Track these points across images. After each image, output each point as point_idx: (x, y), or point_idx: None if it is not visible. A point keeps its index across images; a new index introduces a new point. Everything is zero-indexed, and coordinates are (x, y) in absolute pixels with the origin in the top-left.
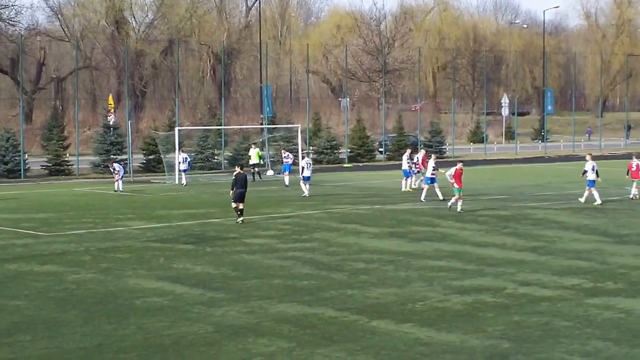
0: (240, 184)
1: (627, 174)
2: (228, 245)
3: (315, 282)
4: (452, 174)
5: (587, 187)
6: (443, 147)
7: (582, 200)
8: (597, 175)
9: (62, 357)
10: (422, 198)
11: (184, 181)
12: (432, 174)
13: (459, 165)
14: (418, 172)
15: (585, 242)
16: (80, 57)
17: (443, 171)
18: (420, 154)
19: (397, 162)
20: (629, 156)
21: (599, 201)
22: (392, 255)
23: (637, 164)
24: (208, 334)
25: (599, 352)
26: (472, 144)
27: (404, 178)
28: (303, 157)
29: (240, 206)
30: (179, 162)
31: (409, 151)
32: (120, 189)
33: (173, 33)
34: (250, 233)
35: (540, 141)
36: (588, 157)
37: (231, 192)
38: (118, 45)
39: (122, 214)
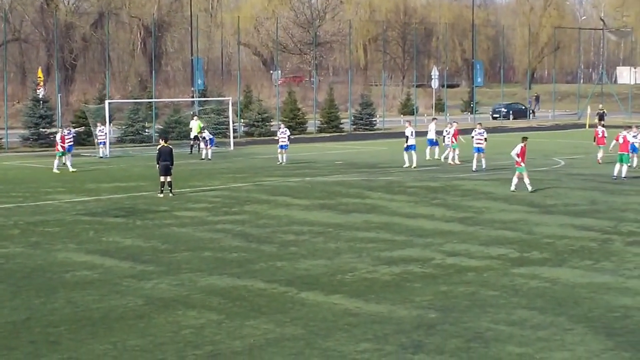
0: (164, 157)
1: (594, 141)
2: (158, 218)
3: (245, 254)
4: (518, 152)
5: (405, 151)
6: (373, 119)
7: (414, 165)
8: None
9: None
10: (474, 168)
11: (101, 154)
12: (479, 143)
13: (524, 142)
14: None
15: (512, 213)
16: (9, 30)
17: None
18: (452, 128)
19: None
20: (556, 127)
21: (409, 165)
22: (322, 227)
23: (603, 130)
24: (137, 306)
25: (525, 321)
26: (402, 115)
27: (429, 147)
28: (280, 127)
29: (168, 179)
30: (101, 134)
31: (435, 121)
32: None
33: (103, 5)
34: (181, 206)
35: (469, 113)
36: (407, 124)
37: (157, 165)
38: (47, 18)
39: (52, 187)
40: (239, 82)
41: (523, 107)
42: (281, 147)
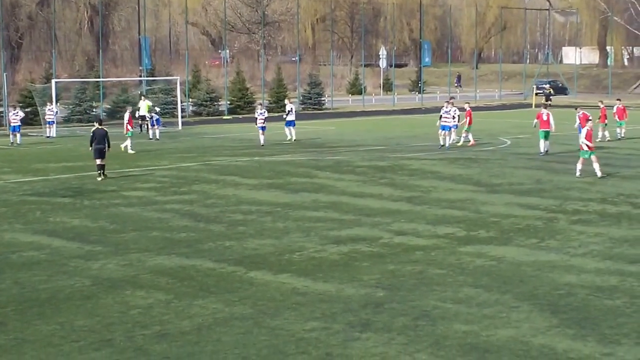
0: (99, 140)
1: (534, 126)
2: (106, 198)
3: (194, 234)
4: (585, 135)
5: (286, 127)
6: (322, 99)
7: (293, 139)
8: (294, 117)
9: None
10: (442, 143)
11: (48, 133)
12: (446, 121)
13: (590, 125)
14: (455, 127)
15: (459, 192)
16: None
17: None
18: (454, 110)
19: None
20: (502, 107)
21: (290, 138)
22: (271, 207)
23: (548, 114)
24: (85, 287)
25: (471, 299)
26: (350, 95)
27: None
28: (256, 108)
29: (100, 162)
30: (50, 114)
31: (446, 102)
32: (18, 142)
33: None
34: (129, 186)
35: (417, 92)
36: (287, 101)
37: (90, 148)
38: None
39: None
40: (187, 61)
41: (561, 84)
42: (260, 128)
